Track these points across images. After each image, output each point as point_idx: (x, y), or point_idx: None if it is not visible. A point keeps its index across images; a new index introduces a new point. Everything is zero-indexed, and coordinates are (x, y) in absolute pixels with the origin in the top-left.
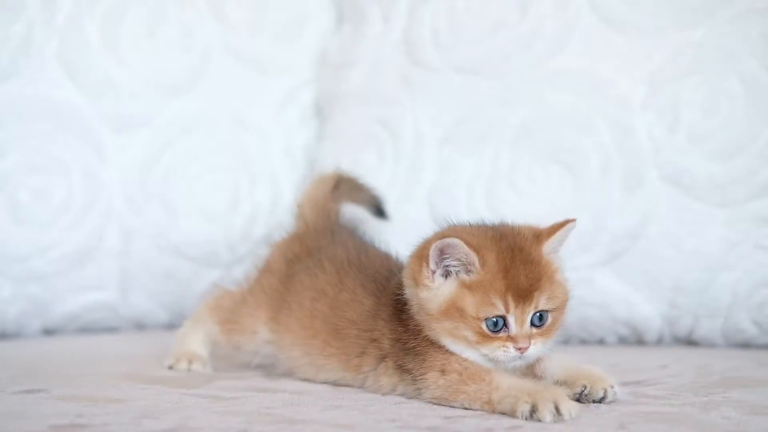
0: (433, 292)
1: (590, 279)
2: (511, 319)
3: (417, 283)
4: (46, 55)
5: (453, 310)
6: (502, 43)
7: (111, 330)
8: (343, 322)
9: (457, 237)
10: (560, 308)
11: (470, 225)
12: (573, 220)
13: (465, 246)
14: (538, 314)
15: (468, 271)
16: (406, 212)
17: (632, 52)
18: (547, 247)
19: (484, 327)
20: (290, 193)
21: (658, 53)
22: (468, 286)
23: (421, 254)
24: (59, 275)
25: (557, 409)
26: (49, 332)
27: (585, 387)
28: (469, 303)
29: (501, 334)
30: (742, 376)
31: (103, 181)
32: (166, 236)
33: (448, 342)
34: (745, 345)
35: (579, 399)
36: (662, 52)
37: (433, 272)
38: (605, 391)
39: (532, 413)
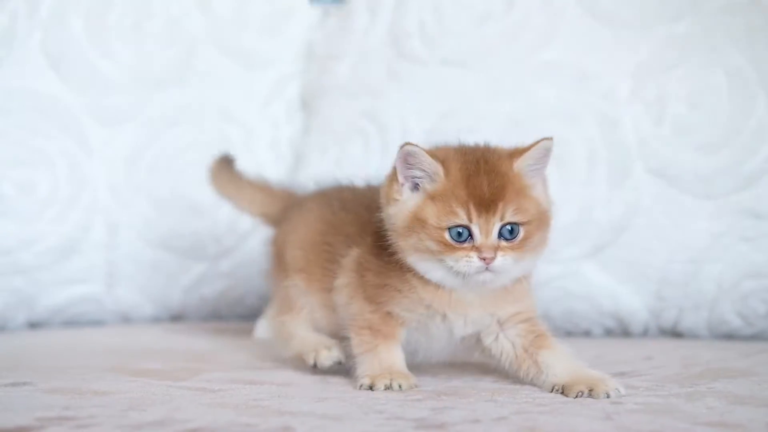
0: (400, 206)
1: (576, 271)
2: (475, 229)
3: (388, 200)
4: (30, 47)
5: (416, 222)
6: (489, 36)
7: (97, 323)
8: (337, 238)
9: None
10: (536, 224)
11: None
12: (549, 138)
13: (427, 155)
14: (508, 227)
15: (432, 182)
16: None
17: (618, 45)
18: (520, 162)
19: (447, 236)
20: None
21: (643, 46)
22: (431, 197)
23: (392, 173)
24: (44, 268)
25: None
26: (34, 325)
27: (581, 393)
28: (431, 213)
29: (465, 245)
30: (726, 367)
31: (88, 174)
32: (153, 229)
33: (414, 259)
34: (730, 336)
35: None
36: (648, 45)
37: (402, 185)
38: (607, 394)
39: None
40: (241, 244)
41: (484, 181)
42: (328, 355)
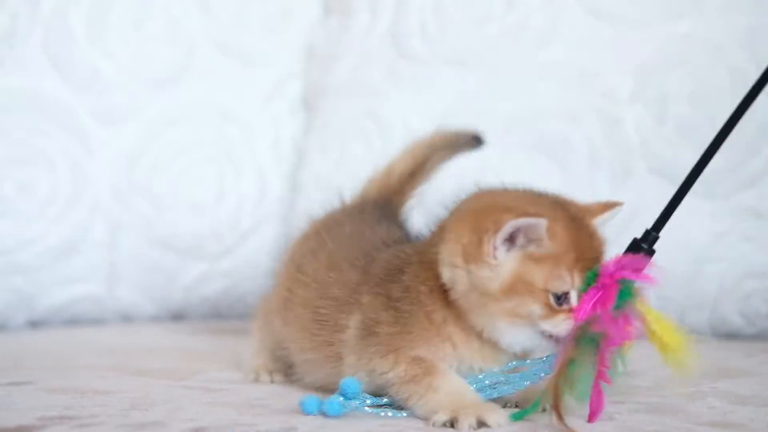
0: (496, 269)
1: None
2: (573, 294)
3: (473, 259)
4: (31, 46)
5: (520, 285)
6: (490, 36)
7: (97, 322)
8: (325, 302)
9: (532, 214)
10: None
11: (510, 189)
12: (620, 204)
13: (544, 226)
14: None
15: (535, 244)
16: None
17: (620, 44)
18: (599, 222)
19: (551, 300)
20: (277, 184)
21: (645, 45)
22: (535, 259)
23: (477, 226)
24: (45, 268)
25: (480, 421)
26: (34, 325)
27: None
28: (538, 276)
29: (564, 307)
30: (728, 367)
31: (89, 174)
32: (153, 229)
33: (503, 325)
34: (732, 336)
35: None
36: (650, 44)
37: (496, 248)
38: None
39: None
40: (242, 243)
41: (588, 244)
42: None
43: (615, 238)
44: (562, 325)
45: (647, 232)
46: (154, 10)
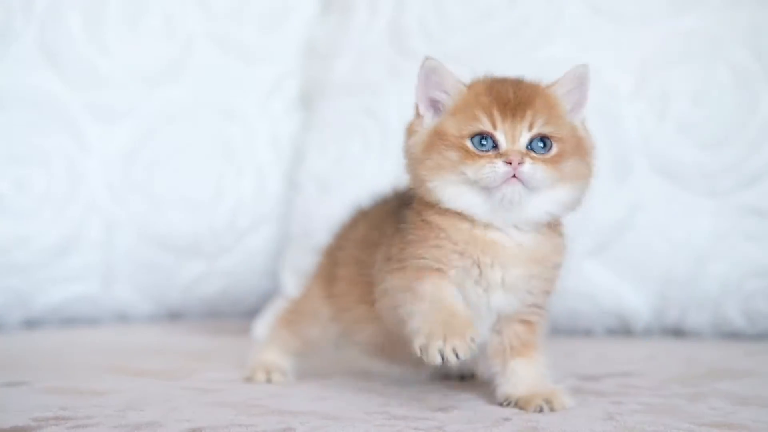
0: (420, 134)
1: (578, 269)
2: (499, 136)
3: (410, 135)
4: (27, 43)
5: (435, 139)
6: (491, 33)
7: (94, 322)
8: (365, 259)
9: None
10: (572, 147)
11: None
12: (584, 65)
13: (450, 71)
14: (539, 141)
15: (454, 100)
16: None
17: (621, 40)
18: (554, 88)
19: (468, 144)
20: (276, 183)
21: (647, 42)
22: (452, 112)
23: (416, 109)
24: (41, 267)
25: (456, 353)
26: (30, 324)
27: (541, 408)
28: (451, 124)
29: (489, 152)
30: (729, 367)
31: (85, 172)
32: (150, 227)
33: (436, 185)
34: (734, 336)
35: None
36: (651, 40)
37: (422, 117)
38: (564, 407)
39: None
40: (240, 242)
41: (510, 89)
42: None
43: (617, 234)
44: (485, 169)
45: None
46: (151, 7)
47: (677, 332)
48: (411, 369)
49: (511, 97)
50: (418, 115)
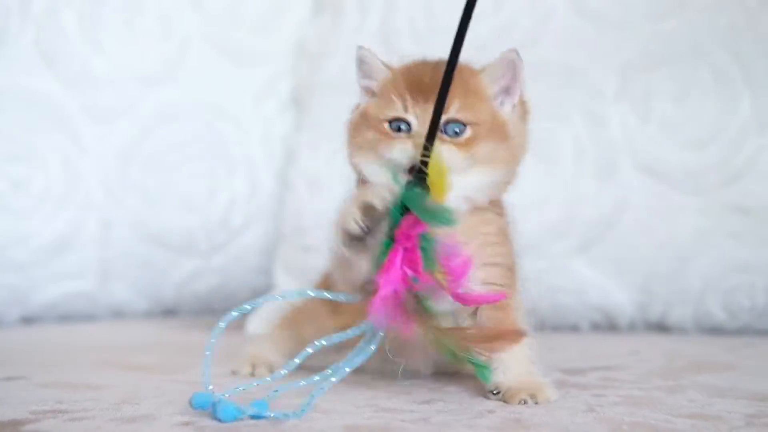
0: (354, 114)
1: (564, 266)
2: (411, 119)
3: (349, 117)
4: (23, 44)
5: (361, 120)
6: (479, 35)
7: (90, 318)
8: None
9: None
10: (489, 131)
11: None
12: (512, 49)
13: (377, 58)
14: (454, 126)
15: (376, 83)
16: None
17: (605, 43)
18: (481, 72)
19: (386, 127)
20: (268, 181)
21: (630, 45)
22: (378, 95)
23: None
24: (38, 264)
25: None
26: (27, 320)
27: (525, 401)
28: (373, 107)
29: (402, 135)
30: (710, 361)
31: (81, 171)
32: (145, 225)
33: (359, 160)
34: (716, 330)
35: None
36: (634, 43)
37: (359, 105)
38: (548, 401)
39: None
40: (234, 239)
41: (427, 73)
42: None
43: (603, 232)
44: (395, 149)
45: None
46: (146, 8)
47: (661, 327)
48: (409, 366)
49: (426, 81)
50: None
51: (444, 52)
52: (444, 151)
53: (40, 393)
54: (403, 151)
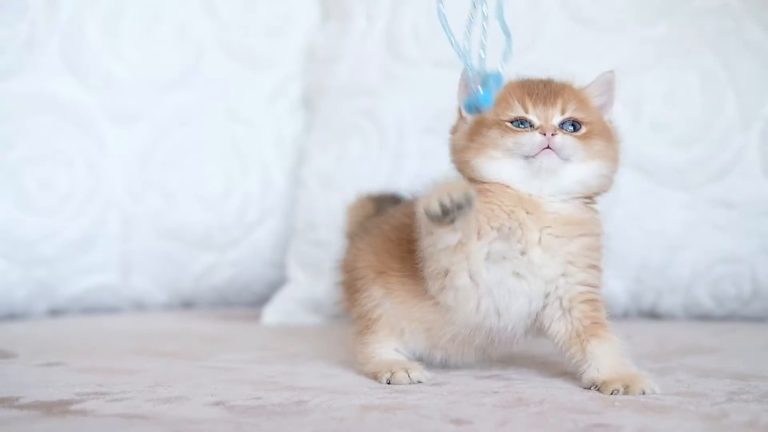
0: (463, 127)
1: None
2: (533, 117)
3: (453, 133)
4: (49, 52)
5: (477, 127)
6: (477, 39)
7: (113, 310)
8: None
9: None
10: (600, 132)
11: None
12: (610, 71)
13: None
14: (570, 124)
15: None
16: None
17: (598, 47)
18: (584, 90)
19: (509, 125)
20: (280, 180)
21: (622, 48)
22: (495, 103)
23: (459, 115)
24: (64, 259)
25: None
26: (54, 313)
27: (617, 390)
28: (490, 115)
29: (526, 129)
30: (697, 345)
31: (104, 171)
32: (164, 222)
33: (481, 162)
34: (704, 317)
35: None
36: (626, 47)
37: (465, 117)
38: (643, 392)
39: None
40: (248, 234)
41: (541, 84)
42: (404, 376)
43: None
44: (524, 138)
45: None
46: (163, 16)
47: (653, 314)
48: (454, 352)
49: (542, 88)
50: (460, 117)
51: (447, 57)
52: (567, 140)
53: (80, 377)
54: (531, 137)
